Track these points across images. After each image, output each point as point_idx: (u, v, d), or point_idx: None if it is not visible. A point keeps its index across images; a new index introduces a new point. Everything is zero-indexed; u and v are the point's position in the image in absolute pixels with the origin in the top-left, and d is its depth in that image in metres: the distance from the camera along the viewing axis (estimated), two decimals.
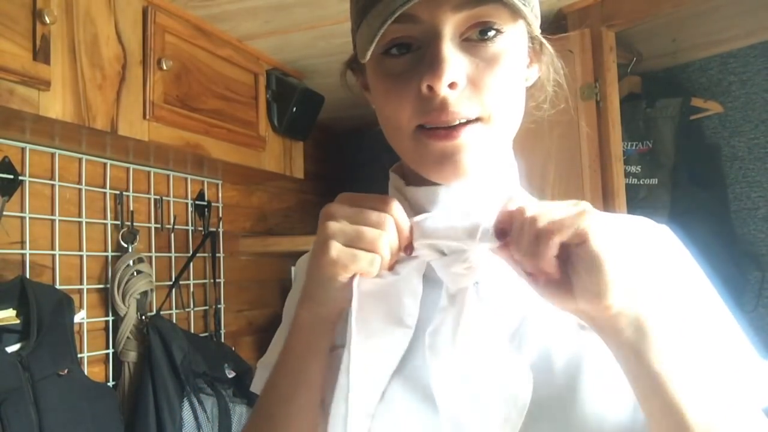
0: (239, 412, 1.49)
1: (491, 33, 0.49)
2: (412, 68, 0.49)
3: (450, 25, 0.48)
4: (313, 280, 0.51)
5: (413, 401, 0.52)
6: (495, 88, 0.49)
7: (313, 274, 0.51)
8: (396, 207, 0.50)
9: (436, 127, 0.49)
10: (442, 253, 0.50)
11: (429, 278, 0.52)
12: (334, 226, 0.49)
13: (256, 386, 0.66)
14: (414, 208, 0.55)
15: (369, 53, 0.48)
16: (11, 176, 1.16)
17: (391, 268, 0.51)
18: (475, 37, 0.49)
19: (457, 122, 0.49)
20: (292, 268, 2.13)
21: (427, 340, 0.51)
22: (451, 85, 0.47)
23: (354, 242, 0.48)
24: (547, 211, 0.44)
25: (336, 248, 0.48)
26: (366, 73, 0.56)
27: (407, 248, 0.51)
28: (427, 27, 0.48)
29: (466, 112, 0.48)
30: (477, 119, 0.49)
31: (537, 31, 0.53)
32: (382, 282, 0.51)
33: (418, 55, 0.49)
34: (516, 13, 0.48)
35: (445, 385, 0.50)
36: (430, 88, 0.47)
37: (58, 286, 1.25)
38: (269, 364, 0.63)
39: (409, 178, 0.57)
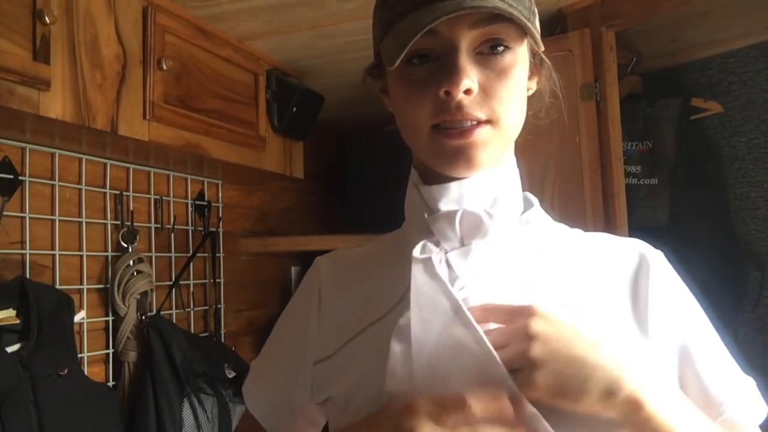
0: (239, 412, 1.49)
1: (501, 48, 0.56)
2: (431, 76, 0.56)
3: (466, 40, 0.55)
4: None
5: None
6: (502, 96, 0.56)
7: None
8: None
9: (452, 127, 0.55)
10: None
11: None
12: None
13: (248, 389, 0.75)
14: (428, 203, 0.61)
15: (398, 62, 0.54)
16: (11, 176, 1.16)
17: None
18: (487, 51, 0.56)
19: (469, 123, 0.55)
20: (293, 268, 2.15)
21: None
22: (467, 92, 0.54)
23: None
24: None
25: None
26: (387, 79, 0.63)
27: None
28: (446, 41, 0.55)
29: (477, 114, 0.55)
30: (486, 121, 0.56)
31: (541, 47, 0.59)
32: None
33: (437, 65, 0.56)
34: (522, 30, 0.56)
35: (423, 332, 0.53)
36: (448, 93, 0.54)
37: (58, 286, 1.25)
38: (262, 369, 0.75)
39: (423, 174, 0.63)
